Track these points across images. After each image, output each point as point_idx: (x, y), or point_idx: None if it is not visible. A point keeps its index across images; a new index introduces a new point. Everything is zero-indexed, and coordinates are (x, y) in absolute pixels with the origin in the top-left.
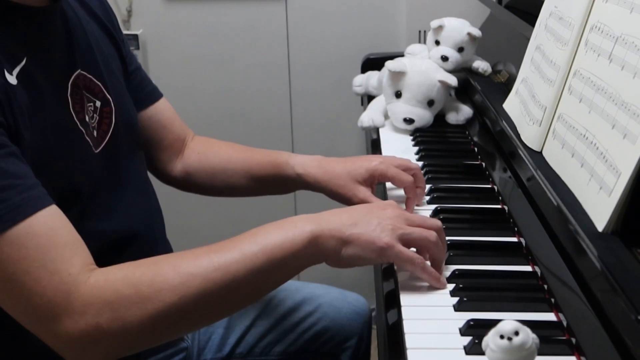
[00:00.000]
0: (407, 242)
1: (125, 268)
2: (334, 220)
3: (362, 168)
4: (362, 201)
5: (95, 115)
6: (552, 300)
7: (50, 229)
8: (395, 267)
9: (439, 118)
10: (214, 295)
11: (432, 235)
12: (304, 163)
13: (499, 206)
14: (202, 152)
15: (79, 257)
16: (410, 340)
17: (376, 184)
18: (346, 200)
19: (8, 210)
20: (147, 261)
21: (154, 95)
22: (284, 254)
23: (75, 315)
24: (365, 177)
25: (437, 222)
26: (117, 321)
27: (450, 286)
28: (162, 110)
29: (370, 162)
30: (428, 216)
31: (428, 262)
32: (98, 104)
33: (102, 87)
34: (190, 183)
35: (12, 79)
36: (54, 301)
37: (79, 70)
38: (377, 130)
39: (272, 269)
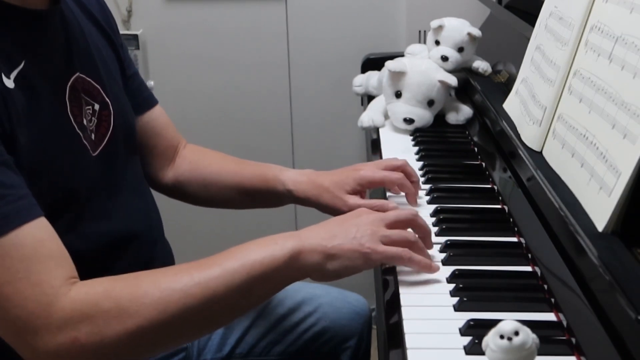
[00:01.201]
0: (388, 243)
1: (107, 282)
2: (313, 236)
3: (349, 178)
4: (352, 208)
5: (93, 118)
6: (552, 300)
7: (36, 241)
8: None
9: (439, 118)
10: (194, 310)
11: (410, 235)
12: (294, 179)
13: (499, 206)
14: (194, 161)
15: (63, 270)
16: (410, 340)
17: (365, 192)
18: (336, 211)
19: None
20: (128, 276)
21: (150, 101)
22: (264, 270)
23: (54, 329)
24: (354, 187)
25: (411, 211)
26: (96, 335)
27: (450, 286)
28: (157, 117)
29: (357, 172)
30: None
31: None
32: (97, 107)
33: (101, 90)
34: (180, 191)
35: (9, 83)
36: (34, 314)
37: (77, 74)
38: (377, 130)
39: (253, 285)
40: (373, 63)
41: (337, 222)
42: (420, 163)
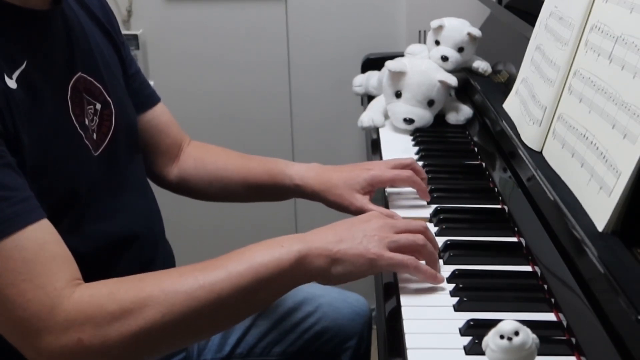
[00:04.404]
0: (395, 249)
1: (111, 284)
2: (320, 239)
3: (359, 177)
4: (359, 209)
5: (95, 117)
6: (552, 300)
7: (39, 243)
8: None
9: (439, 118)
10: (198, 313)
11: (419, 238)
12: (301, 173)
13: (499, 206)
14: (199, 157)
15: (66, 271)
16: (410, 340)
17: (374, 191)
18: (343, 209)
19: None
20: (133, 278)
21: (152, 99)
22: (270, 273)
23: (58, 331)
24: (364, 186)
25: (421, 224)
26: (99, 337)
27: (450, 286)
28: (159, 115)
29: (368, 172)
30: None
31: (423, 262)
32: (98, 106)
33: (103, 90)
34: (185, 188)
35: (11, 83)
36: (37, 315)
37: (79, 73)
38: (377, 130)
39: (258, 288)
40: (373, 63)
41: (346, 226)
42: (421, 163)
